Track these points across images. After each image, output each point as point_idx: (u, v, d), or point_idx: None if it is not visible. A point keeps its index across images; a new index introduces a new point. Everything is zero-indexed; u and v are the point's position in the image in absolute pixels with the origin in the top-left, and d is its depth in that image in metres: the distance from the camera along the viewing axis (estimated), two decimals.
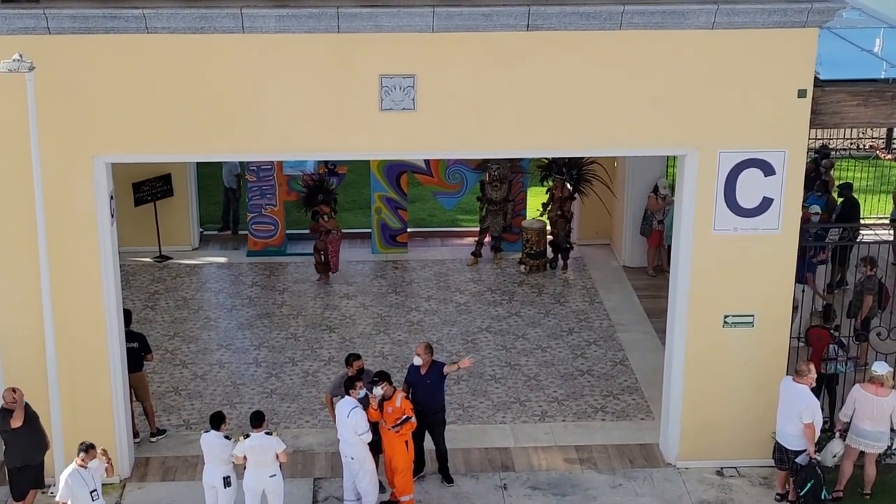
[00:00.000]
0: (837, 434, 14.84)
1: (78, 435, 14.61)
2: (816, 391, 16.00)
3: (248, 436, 13.74)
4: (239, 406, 16.90)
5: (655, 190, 20.94)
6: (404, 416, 14.30)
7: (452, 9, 13.47)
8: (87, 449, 13.04)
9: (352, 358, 14.88)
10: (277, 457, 13.77)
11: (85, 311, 14.43)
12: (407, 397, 14.52)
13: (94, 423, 14.76)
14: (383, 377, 14.40)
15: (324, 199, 21.06)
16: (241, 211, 23.30)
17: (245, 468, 13.78)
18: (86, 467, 13.03)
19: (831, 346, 15.94)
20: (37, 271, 13.99)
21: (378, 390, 14.28)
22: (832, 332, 16.10)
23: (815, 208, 19.65)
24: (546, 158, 21.13)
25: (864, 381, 14.78)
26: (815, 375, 14.42)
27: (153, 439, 16.13)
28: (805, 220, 18.84)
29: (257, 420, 13.74)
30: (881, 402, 14.46)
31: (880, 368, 14.56)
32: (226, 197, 23.66)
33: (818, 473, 14.16)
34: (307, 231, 23.46)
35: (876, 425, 14.53)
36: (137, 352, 15.82)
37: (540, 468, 15.62)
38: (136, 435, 15.89)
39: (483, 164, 21.69)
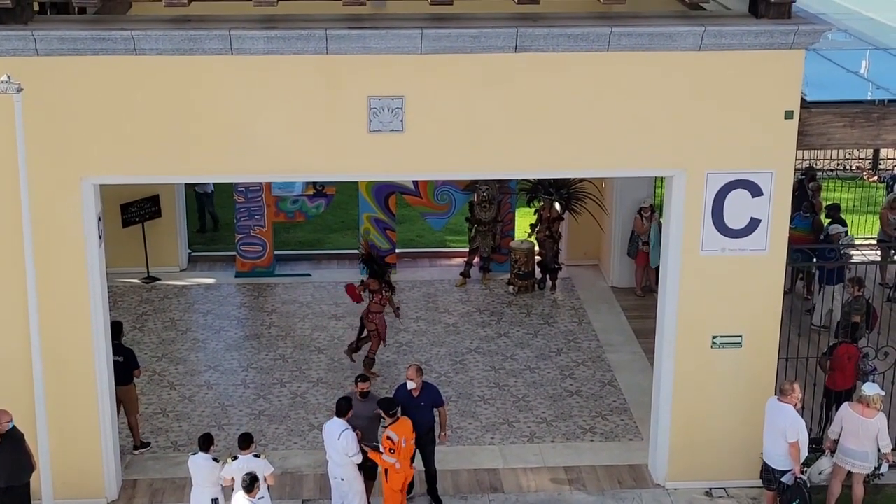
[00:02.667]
0: (826, 452, 14.86)
1: (65, 456, 14.60)
2: (828, 409, 16.13)
3: (235, 458, 13.70)
4: (227, 428, 16.85)
5: (640, 211, 21.00)
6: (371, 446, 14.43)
7: (441, 31, 13.52)
8: (254, 480, 13.09)
9: (359, 379, 14.91)
10: (265, 479, 13.72)
11: (73, 332, 14.38)
12: (388, 437, 14.43)
13: (81, 445, 14.74)
14: (384, 406, 14.43)
15: (372, 272, 18.68)
16: (215, 211, 24.85)
17: (233, 490, 13.73)
18: (256, 498, 13.12)
19: (867, 360, 16.01)
20: (24, 292, 13.95)
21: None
22: (859, 347, 16.19)
23: (838, 227, 19.80)
24: (530, 180, 21.16)
25: (852, 401, 14.81)
26: (801, 395, 14.44)
27: (136, 452, 16.14)
28: (797, 241, 19.01)
29: (245, 442, 13.70)
30: (867, 423, 14.48)
31: (869, 390, 14.59)
32: (199, 200, 24.64)
33: (804, 493, 14.16)
34: (295, 252, 23.52)
35: (861, 445, 14.55)
36: (123, 366, 15.78)
37: (529, 489, 15.59)
38: None
39: (472, 185, 21.73)
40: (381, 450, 14.28)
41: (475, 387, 18.17)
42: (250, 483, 13.09)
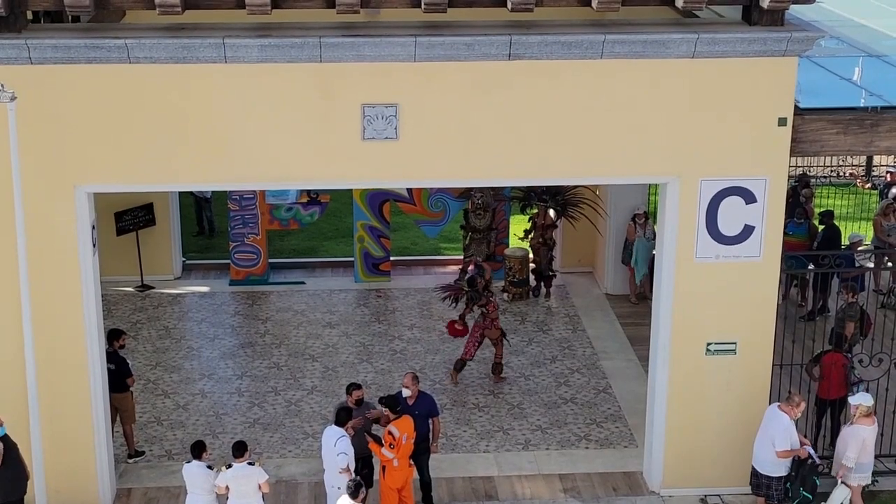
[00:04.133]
0: (840, 481, 14.63)
1: (59, 465, 14.57)
2: (819, 416, 16.12)
3: (230, 466, 13.68)
4: (221, 436, 16.83)
5: (634, 218, 21.03)
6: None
7: (434, 38, 13.53)
8: (359, 486, 13.03)
9: (352, 387, 14.88)
10: (260, 487, 13.70)
11: (66, 340, 14.36)
12: (390, 432, 14.47)
13: (75, 454, 14.70)
14: (389, 403, 14.53)
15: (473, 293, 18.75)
16: (213, 217, 25.02)
17: (227, 498, 13.71)
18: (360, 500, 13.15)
19: (853, 370, 15.99)
20: (18, 301, 13.93)
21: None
22: (846, 355, 16.16)
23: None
24: (522, 188, 21.15)
25: (856, 420, 14.46)
26: (803, 409, 14.43)
27: (130, 460, 16.11)
28: (794, 248, 19.03)
29: (239, 450, 13.68)
30: (874, 430, 14.50)
31: (869, 400, 14.50)
32: (197, 205, 24.83)
33: (812, 478, 14.21)
34: (289, 260, 23.51)
35: (872, 455, 14.61)
36: (115, 374, 15.75)
37: (524, 497, 15.57)
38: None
39: (467, 193, 21.73)
40: (382, 443, 14.34)
41: (470, 394, 18.16)
42: (355, 490, 13.06)
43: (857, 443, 14.40)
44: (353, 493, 13.00)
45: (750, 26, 14.00)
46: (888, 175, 23.94)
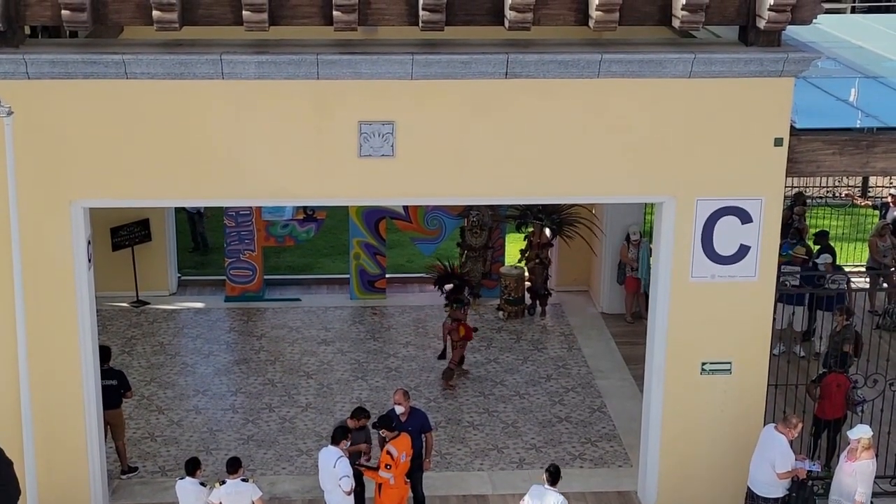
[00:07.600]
0: None
1: (52, 481, 14.54)
2: (816, 436, 16.11)
3: (223, 482, 13.65)
4: (215, 452, 16.79)
5: (628, 238, 21.03)
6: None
7: (431, 56, 13.55)
8: (558, 470, 13.43)
9: (360, 414, 14.92)
10: None
11: (61, 356, 14.33)
12: (388, 452, 14.47)
13: (69, 470, 14.67)
14: (385, 424, 14.48)
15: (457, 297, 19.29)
16: (205, 232, 25.26)
17: None
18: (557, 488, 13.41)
19: (856, 390, 15.97)
20: (13, 316, 13.90)
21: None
22: (849, 376, 16.16)
23: (828, 257, 19.81)
24: (518, 207, 21.15)
25: (860, 454, 14.36)
26: (800, 430, 14.42)
27: (124, 476, 16.08)
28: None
29: (233, 466, 13.66)
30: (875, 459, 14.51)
31: (869, 432, 14.44)
32: (190, 220, 24.91)
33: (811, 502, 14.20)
34: (285, 276, 23.49)
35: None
36: (116, 389, 15.77)
37: None
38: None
39: (465, 211, 21.74)
40: (377, 466, 14.31)
41: (464, 412, 18.13)
42: (556, 474, 13.49)
43: (867, 478, 14.31)
44: (553, 481, 13.49)
45: (747, 47, 14.03)
46: (890, 198, 23.93)
